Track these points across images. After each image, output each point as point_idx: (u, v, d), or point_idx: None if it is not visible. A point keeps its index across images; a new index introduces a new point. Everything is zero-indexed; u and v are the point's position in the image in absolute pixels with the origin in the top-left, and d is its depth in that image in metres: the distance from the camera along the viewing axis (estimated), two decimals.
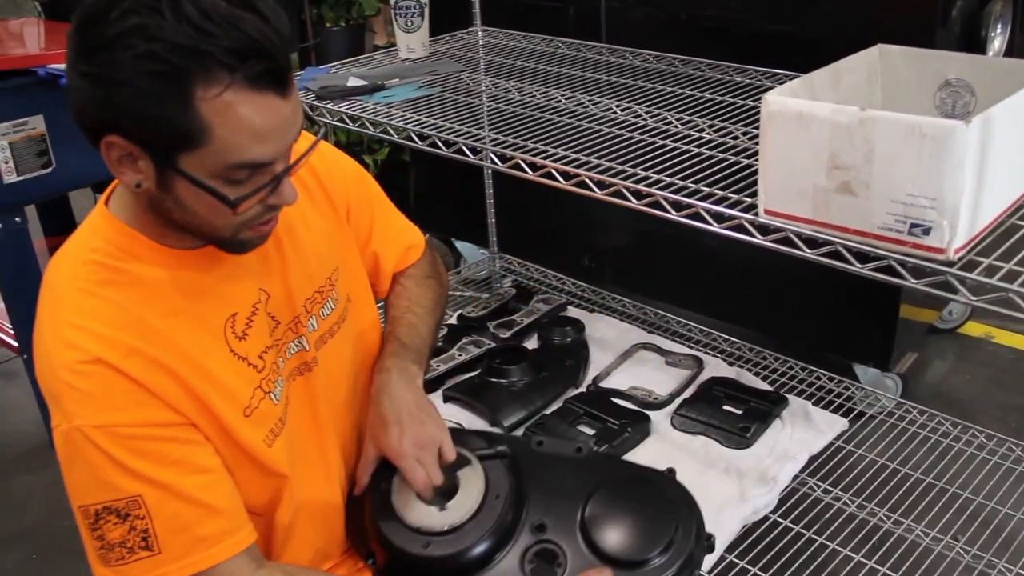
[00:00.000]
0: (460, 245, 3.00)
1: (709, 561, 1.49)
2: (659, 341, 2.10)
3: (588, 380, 1.97)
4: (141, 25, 0.83)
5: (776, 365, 2.04)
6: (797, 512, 1.62)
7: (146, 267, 0.98)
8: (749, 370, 2.00)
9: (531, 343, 2.10)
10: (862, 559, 1.55)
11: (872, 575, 1.52)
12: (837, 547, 1.57)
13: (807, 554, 1.55)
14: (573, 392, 1.92)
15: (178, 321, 0.99)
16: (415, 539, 1.14)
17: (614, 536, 1.14)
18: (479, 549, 1.13)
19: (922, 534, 1.59)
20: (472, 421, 1.87)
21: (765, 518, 1.60)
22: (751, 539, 1.56)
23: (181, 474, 0.98)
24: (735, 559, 1.52)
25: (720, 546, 1.51)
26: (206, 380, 1.00)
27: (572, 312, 2.23)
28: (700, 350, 2.08)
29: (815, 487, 1.68)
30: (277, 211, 1.00)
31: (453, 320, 2.24)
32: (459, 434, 1.26)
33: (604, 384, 1.94)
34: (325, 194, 1.21)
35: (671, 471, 1.25)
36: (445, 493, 1.17)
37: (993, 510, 1.63)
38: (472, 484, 1.18)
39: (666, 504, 1.18)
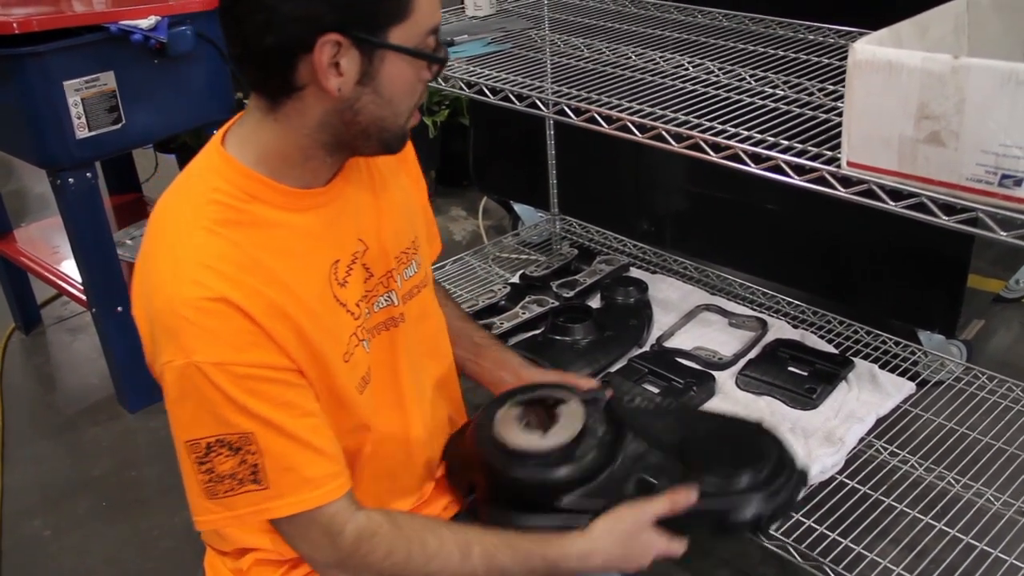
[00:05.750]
0: (518, 208, 3.00)
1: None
2: (722, 303, 2.09)
3: (652, 340, 1.97)
4: None
5: (840, 329, 2.02)
6: (864, 474, 1.62)
7: (264, 208, 1.01)
8: (813, 333, 1.99)
9: (594, 303, 2.10)
10: (931, 521, 1.54)
11: (941, 537, 1.51)
12: (905, 509, 1.56)
13: (874, 515, 1.55)
14: (637, 351, 1.92)
15: (292, 263, 1.01)
16: (518, 461, 1.16)
17: (711, 461, 1.16)
18: (580, 470, 1.15)
19: (992, 498, 1.57)
20: None
21: (832, 479, 1.60)
22: (818, 499, 1.56)
23: (292, 416, 0.99)
24: (802, 518, 1.52)
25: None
26: (315, 322, 1.01)
27: (635, 273, 2.23)
28: (764, 312, 2.07)
29: (882, 449, 1.67)
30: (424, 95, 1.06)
31: (515, 279, 2.25)
32: (553, 385, 1.29)
33: (668, 344, 1.94)
34: (408, 163, 1.24)
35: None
36: (545, 424, 1.21)
37: None
38: (572, 414, 1.20)
39: (761, 437, 1.20)
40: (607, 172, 2.64)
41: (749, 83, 1.54)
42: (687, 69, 1.63)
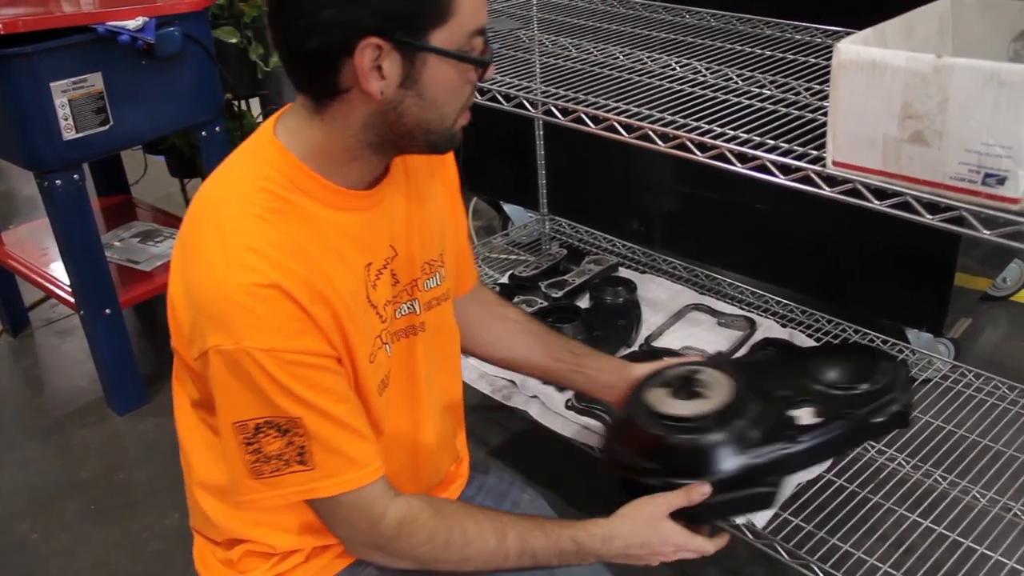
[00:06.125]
0: (508, 208, 3.00)
1: (764, 517, 1.50)
2: (711, 302, 2.09)
3: (640, 340, 1.97)
4: None
5: (829, 327, 2.03)
6: (851, 472, 1.62)
7: (310, 202, 1.02)
8: (801, 332, 1.99)
9: (583, 303, 2.11)
10: (917, 518, 1.55)
11: (927, 535, 1.52)
12: (892, 506, 1.57)
13: (862, 513, 1.55)
14: (626, 351, 1.92)
15: (333, 259, 1.02)
16: (702, 428, 1.23)
17: (846, 375, 1.34)
18: (752, 418, 1.25)
19: (978, 495, 1.58)
20: (524, 378, 1.88)
21: (819, 477, 1.60)
22: (805, 497, 1.56)
23: (334, 401, 1.01)
24: (789, 516, 1.53)
25: (775, 504, 1.52)
26: (351, 320, 1.03)
27: (623, 273, 2.23)
28: (752, 312, 2.07)
29: (869, 447, 1.68)
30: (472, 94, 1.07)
31: (504, 279, 2.25)
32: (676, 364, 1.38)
33: (656, 344, 1.95)
34: (447, 186, 1.25)
35: None
36: (695, 393, 1.30)
37: None
38: (715, 378, 1.31)
39: (870, 355, 1.43)
40: (597, 172, 2.65)
41: (736, 83, 1.54)
42: (675, 69, 1.63)
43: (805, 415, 1.28)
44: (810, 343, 1.93)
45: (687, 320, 2.04)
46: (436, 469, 1.27)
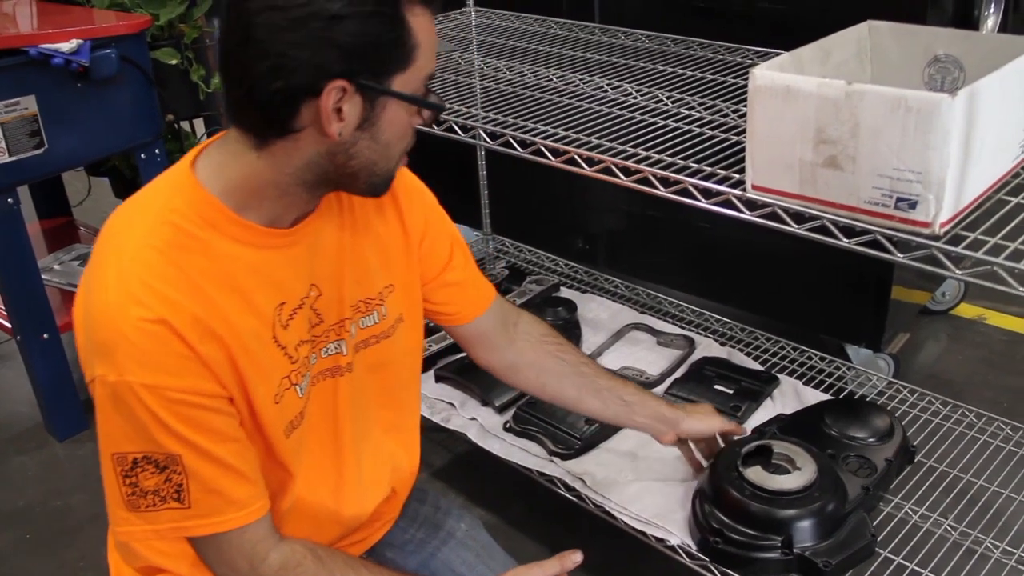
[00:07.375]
0: None
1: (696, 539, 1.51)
2: (651, 321, 2.10)
3: None
4: None
5: (768, 345, 2.04)
6: None
7: (219, 238, 1.00)
8: (741, 350, 2.01)
9: None
10: None
11: None
12: None
13: None
14: None
15: (234, 297, 1.01)
16: (813, 497, 1.42)
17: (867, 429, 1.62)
18: (837, 477, 1.48)
19: (911, 511, 1.59)
20: (464, 400, 1.88)
21: None
22: None
23: (218, 441, 1.00)
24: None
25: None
26: (249, 360, 1.01)
27: (565, 293, 2.24)
28: (692, 330, 2.09)
29: None
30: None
31: None
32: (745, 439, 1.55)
33: None
34: (399, 215, 1.23)
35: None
36: (784, 467, 1.49)
37: (982, 488, 1.64)
38: (792, 449, 1.50)
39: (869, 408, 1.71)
40: (541, 192, 2.65)
41: (666, 105, 1.55)
42: (607, 92, 1.64)
43: (856, 468, 1.53)
44: (748, 361, 1.94)
45: (627, 340, 2.05)
46: (362, 508, 1.25)
